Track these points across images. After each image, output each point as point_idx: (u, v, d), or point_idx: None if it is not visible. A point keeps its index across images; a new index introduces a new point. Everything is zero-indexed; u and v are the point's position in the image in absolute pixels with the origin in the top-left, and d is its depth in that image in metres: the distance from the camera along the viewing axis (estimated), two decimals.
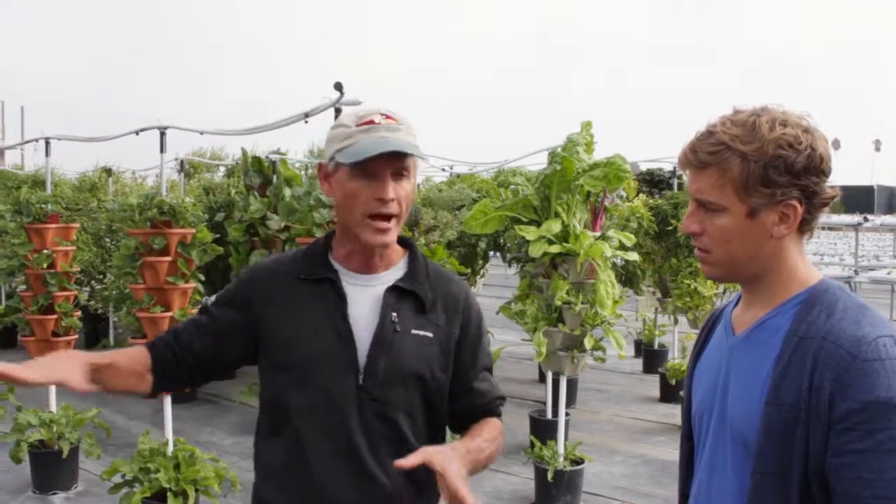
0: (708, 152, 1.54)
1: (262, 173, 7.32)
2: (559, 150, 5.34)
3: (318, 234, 3.75)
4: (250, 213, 6.97)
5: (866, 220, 14.92)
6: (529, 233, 5.25)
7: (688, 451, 1.82)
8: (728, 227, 1.56)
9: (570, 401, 7.58)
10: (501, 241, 8.73)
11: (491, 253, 9.77)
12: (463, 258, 8.45)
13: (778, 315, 1.58)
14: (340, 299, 1.88)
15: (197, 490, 4.63)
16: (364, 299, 1.89)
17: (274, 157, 7.52)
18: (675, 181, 9.45)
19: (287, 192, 6.70)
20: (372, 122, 1.80)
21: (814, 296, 1.56)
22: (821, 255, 19.07)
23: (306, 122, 3.83)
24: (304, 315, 1.89)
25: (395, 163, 1.80)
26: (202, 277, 5.24)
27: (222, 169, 12.81)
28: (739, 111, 1.57)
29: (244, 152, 7.58)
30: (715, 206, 1.55)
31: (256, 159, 7.39)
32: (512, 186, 5.58)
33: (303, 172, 8.05)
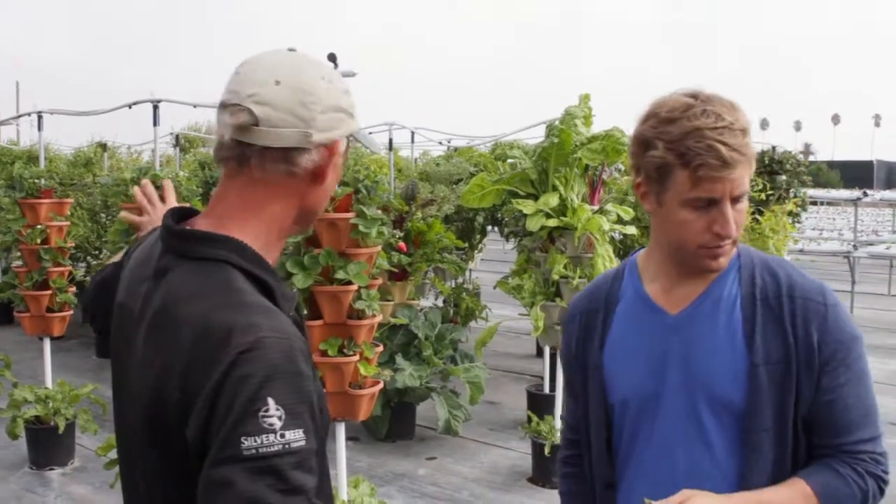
0: (744, 144, 1.56)
1: None
2: (557, 123, 5.28)
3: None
4: None
5: (865, 194, 14.90)
6: (527, 207, 5.21)
7: (605, 441, 1.80)
8: (744, 210, 1.62)
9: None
10: (499, 215, 8.69)
11: (489, 227, 9.73)
12: (460, 233, 8.41)
13: (718, 284, 1.69)
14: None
15: None
16: None
17: None
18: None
19: None
20: None
21: (742, 260, 1.70)
22: (819, 230, 19.04)
23: None
24: None
25: None
26: None
27: None
28: (704, 98, 1.58)
29: None
30: (744, 195, 1.59)
31: None
32: (510, 160, 5.52)
33: None
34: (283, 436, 1.16)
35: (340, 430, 4.02)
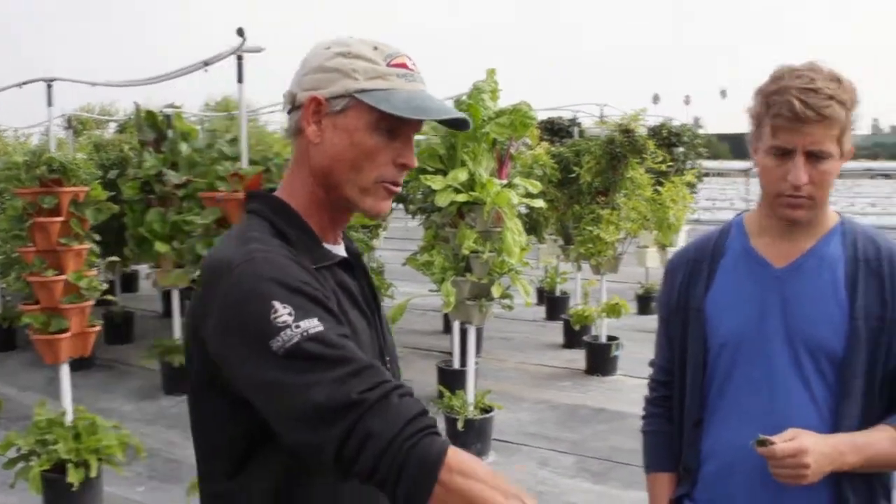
0: (824, 106, 1.71)
1: (156, 128, 7.02)
2: (465, 97, 5.28)
3: (223, 188, 3.59)
4: (145, 169, 6.69)
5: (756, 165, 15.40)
6: (436, 182, 5.20)
7: (701, 380, 1.95)
8: (831, 171, 1.78)
9: (477, 350, 7.63)
10: (403, 192, 8.66)
11: (392, 205, 9.68)
12: None
13: (823, 244, 1.87)
14: (367, 283, 1.57)
15: (100, 459, 4.46)
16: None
17: (168, 110, 7.23)
18: (576, 129, 9.54)
19: (184, 146, 6.45)
20: (405, 65, 1.43)
21: (846, 227, 1.90)
22: (713, 201, 19.64)
23: (206, 70, 3.65)
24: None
25: (419, 127, 1.47)
26: (97, 238, 5.01)
27: (113, 125, 12.31)
28: (812, 66, 1.77)
29: (137, 107, 7.26)
30: (825, 154, 1.75)
31: (150, 114, 7.08)
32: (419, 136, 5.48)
33: (199, 126, 7.78)
34: (298, 326, 1.25)
35: None
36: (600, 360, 7.73)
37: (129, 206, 6.92)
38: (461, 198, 5.20)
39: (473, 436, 5.55)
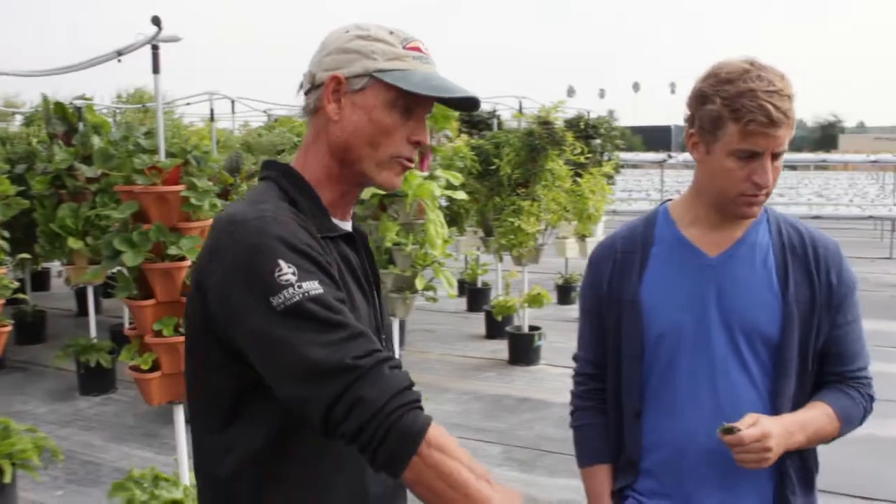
0: (789, 108, 1.78)
1: (66, 120, 6.78)
2: None
3: (141, 181, 3.50)
4: (55, 163, 6.46)
5: (670, 157, 15.74)
6: None
7: (639, 372, 1.98)
8: (780, 168, 1.86)
9: (400, 343, 7.63)
10: None
11: None
12: None
13: (753, 233, 1.95)
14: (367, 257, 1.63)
15: (14, 464, 4.31)
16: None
17: (79, 102, 7.00)
18: (495, 122, 9.59)
19: (96, 139, 6.25)
20: (419, 49, 1.52)
21: (770, 216, 1.99)
22: (629, 192, 20.00)
23: (119, 60, 3.54)
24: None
25: (430, 107, 1.56)
26: (6, 234, 4.84)
27: (19, 118, 11.88)
28: (760, 65, 1.81)
29: (45, 98, 7.01)
30: (782, 154, 1.83)
31: (59, 105, 6.84)
32: None
33: (111, 119, 7.56)
34: (300, 286, 1.30)
35: (179, 413, 3.87)
36: (523, 351, 7.80)
37: (38, 202, 6.69)
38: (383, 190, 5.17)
39: None
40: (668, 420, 1.95)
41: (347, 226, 1.58)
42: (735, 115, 1.77)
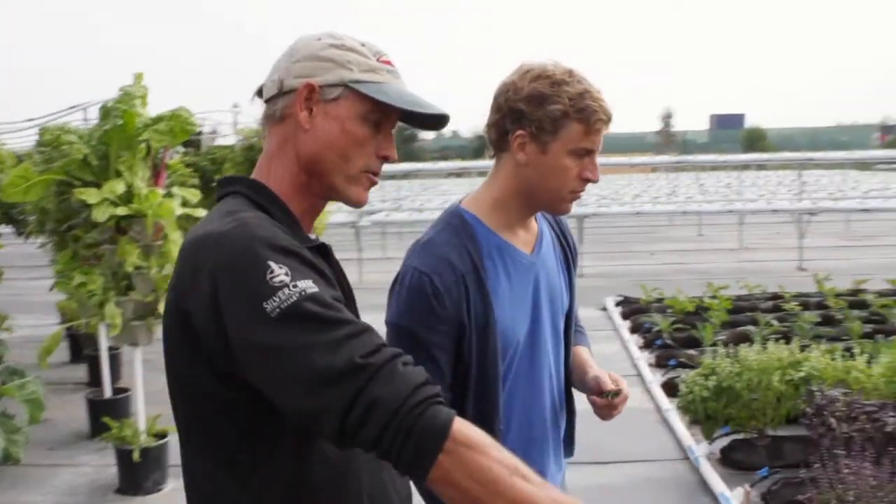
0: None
1: None
2: (112, 103, 4.87)
3: None
4: None
5: None
6: (91, 195, 4.74)
7: (497, 391, 1.91)
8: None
9: (116, 376, 7.11)
10: (15, 213, 7.81)
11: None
12: None
13: (541, 225, 2.07)
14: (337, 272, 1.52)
15: None
16: None
17: None
18: (202, 139, 9.23)
19: None
20: (391, 63, 1.49)
21: None
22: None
23: None
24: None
25: (395, 123, 1.51)
26: None
27: None
28: (569, 68, 1.87)
29: None
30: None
31: None
32: (63, 147, 4.93)
33: None
34: (295, 286, 1.23)
35: None
36: None
37: None
38: (121, 211, 4.80)
39: (151, 465, 5.17)
40: (516, 423, 1.97)
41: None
42: (581, 114, 1.81)
